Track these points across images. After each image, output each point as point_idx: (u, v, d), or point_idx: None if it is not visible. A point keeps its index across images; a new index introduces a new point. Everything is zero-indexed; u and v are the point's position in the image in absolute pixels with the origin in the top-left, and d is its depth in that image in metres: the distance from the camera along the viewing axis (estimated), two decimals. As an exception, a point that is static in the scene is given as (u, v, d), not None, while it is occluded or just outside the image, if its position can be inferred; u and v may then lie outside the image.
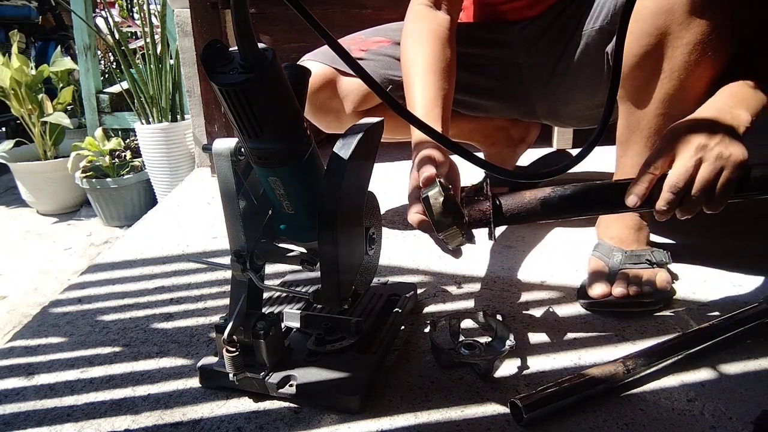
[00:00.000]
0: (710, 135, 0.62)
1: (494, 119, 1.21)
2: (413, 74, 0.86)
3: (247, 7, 0.44)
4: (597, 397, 0.61)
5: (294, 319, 0.71)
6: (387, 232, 1.10)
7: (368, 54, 1.04)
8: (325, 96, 1.03)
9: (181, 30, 1.68)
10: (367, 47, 1.06)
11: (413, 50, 0.88)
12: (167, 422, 0.61)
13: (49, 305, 0.89)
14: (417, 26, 0.91)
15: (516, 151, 1.29)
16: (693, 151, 0.62)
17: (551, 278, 0.90)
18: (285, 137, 0.52)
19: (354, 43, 1.07)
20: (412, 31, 0.91)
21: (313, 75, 1.02)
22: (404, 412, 0.60)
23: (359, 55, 1.04)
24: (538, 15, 1.01)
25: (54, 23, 3.49)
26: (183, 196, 1.49)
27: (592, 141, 0.57)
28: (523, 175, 0.61)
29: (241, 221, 0.58)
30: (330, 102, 1.04)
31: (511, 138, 1.26)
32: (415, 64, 0.86)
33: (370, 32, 1.10)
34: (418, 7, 0.92)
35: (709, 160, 0.61)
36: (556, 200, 0.64)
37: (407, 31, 0.92)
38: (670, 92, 0.75)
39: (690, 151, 0.62)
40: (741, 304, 0.77)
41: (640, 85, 0.76)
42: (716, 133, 0.62)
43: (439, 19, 0.91)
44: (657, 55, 0.73)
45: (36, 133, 2.25)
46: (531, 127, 1.27)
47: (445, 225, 0.62)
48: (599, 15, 0.90)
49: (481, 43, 1.07)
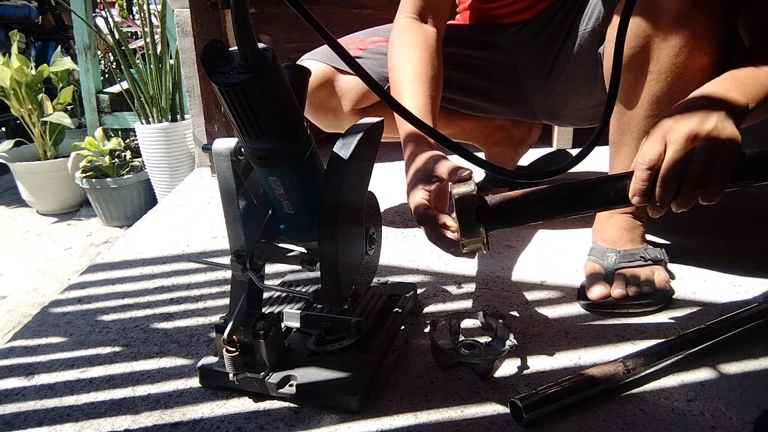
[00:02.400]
0: (701, 122, 0.59)
1: (495, 119, 1.22)
2: (402, 82, 0.86)
3: (247, 7, 0.44)
4: (597, 397, 0.61)
5: (294, 319, 0.71)
6: (387, 232, 1.10)
7: (366, 53, 1.05)
8: (324, 95, 1.04)
9: (181, 30, 1.68)
10: (365, 46, 1.06)
11: (401, 60, 0.89)
12: (167, 422, 0.61)
13: (49, 305, 0.89)
14: (404, 38, 0.91)
15: (517, 152, 1.29)
16: (683, 142, 0.59)
17: (551, 278, 0.90)
18: (285, 137, 0.52)
19: (352, 42, 1.08)
20: (399, 43, 0.91)
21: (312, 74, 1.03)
22: (404, 412, 0.60)
23: (357, 54, 1.05)
24: (532, 18, 1.02)
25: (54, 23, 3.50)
26: (183, 196, 1.49)
27: (592, 141, 0.57)
28: (523, 175, 0.61)
29: (241, 221, 0.58)
30: (328, 100, 1.04)
31: (512, 138, 1.26)
32: (404, 72, 0.87)
33: (369, 32, 1.11)
34: (404, 20, 0.93)
35: (700, 149, 0.58)
36: (548, 199, 0.62)
37: (394, 44, 0.92)
38: (658, 94, 0.74)
39: (680, 142, 0.59)
40: (741, 304, 0.77)
41: (629, 87, 0.76)
42: (707, 120, 0.59)
43: (425, 31, 0.92)
44: (644, 57, 0.73)
45: (36, 133, 2.25)
46: (532, 128, 1.27)
47: (473, 231, 0.60)
48: (591, 17, 0.91)
49: (477, 45, 1.08)
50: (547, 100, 1.07)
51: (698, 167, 0.59)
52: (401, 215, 1.19)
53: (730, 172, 0.59)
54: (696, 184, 0.59)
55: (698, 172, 0.59)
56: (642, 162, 0.60)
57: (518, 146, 1.28)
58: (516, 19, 1.04)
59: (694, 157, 0.59)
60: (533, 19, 1.02)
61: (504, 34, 1.06)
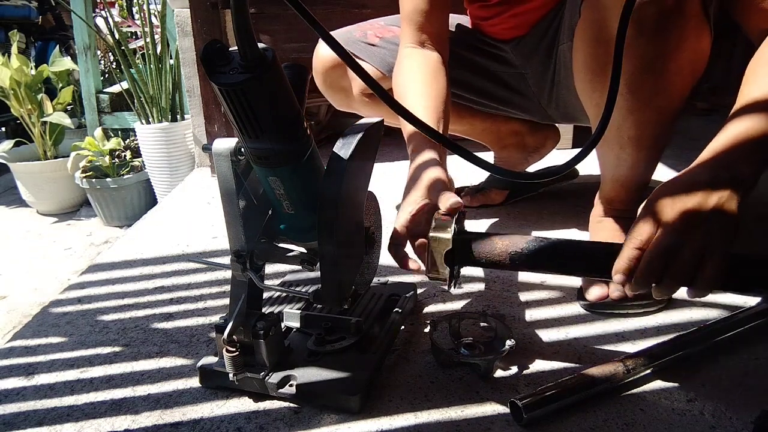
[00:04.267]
0: (700, 204, 0.53)
1: (510, 123, 1.22)
2: (411, 96, 0.87)
3: (247, 7, 0.44)
4: (597, 397, 0.61)
5: (294, 319, 0.71)
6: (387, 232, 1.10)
7: (382, 42, 1.07)
8: (336, 75, 1.08)
9: (181, 30, 1.68)
10: (383, 35, 1.08)
11: (407, 80, 0.90)
12: (167, 422, 0.61)
13: (49, 305, 0.89)
14: (408, 62, 0.92)
15: (527, 159, 1.28)
16: (676, 226, 0.52)
17: (551, 278, 0.90)
18: (285, 137, 0.52)
19: (372, 28, 1.10)
20: (403, 68, 0.92)
21: (327, 55, 1.08)
22: (404, 412, 0.60)
23: (374, 42, 1.08)
24: (526, 33, 1.03)
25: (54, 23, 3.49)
26: (183, 196, 1.49)
27: (592, 141, 0.57)
28: (523, 175, 0.60)
29: (241, 221, 0.58)
30: (340, 81, 1.09)
31: (525, 145, 1.26)
32: (411, 89, 0.88)
33: (389, 20, 1.12)
34: (407, 49, 0.94)
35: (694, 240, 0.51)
36: (526, 254, 0.60)
37: (398, 70, 0.93)
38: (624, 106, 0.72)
39: (672, 227, 0.52)
40: (741, 304, 0.77)
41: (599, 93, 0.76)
42: (706, 206, 0.52)
43: (429, 55, 0.93)
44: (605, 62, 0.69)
45: (36, 133, 2.25)
46: (548, 138, 1.27)
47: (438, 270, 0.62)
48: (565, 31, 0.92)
49: (488, 55, 1.09)
50: (558, 106, 1.07)
51: (688, 258, 0.51)
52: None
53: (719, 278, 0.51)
54: (681, 277, 0.52)
55: (687, 263, 0.51)
56: (632, 240, 0.54)
57: (530, 154, 1.27)
58: (512, 35, 1.05)
59: (687, 245, 0.51)
60: (528, 34, 1.03)
61: (505, 49, 1.07)
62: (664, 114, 0.74)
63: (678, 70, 0.70)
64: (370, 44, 1.08)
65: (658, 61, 0.68)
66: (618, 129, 0.75)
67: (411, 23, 0.93)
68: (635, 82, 0.70)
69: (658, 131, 0.75)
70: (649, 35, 0.66)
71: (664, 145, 0.78)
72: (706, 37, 0.68)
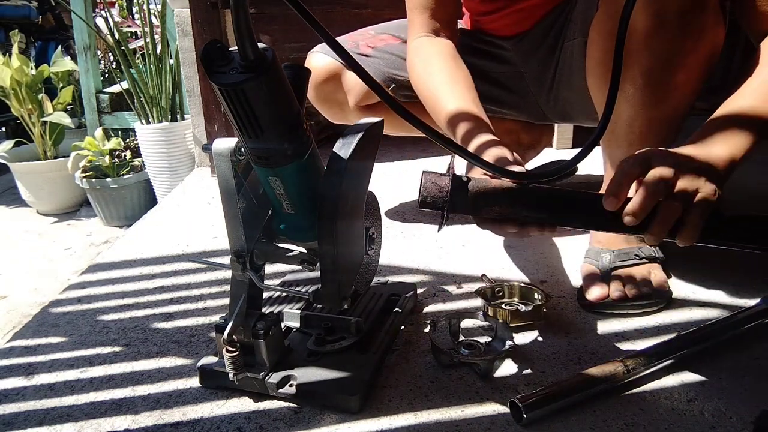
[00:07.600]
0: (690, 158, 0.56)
1: (505, 122, 1.22)
2: (436, 88, 0.84)
3: (247, 7, 0.44)
4: (597, 397, 0.61)
5: (294, 319, 0.71)
6: (387, 232, 1.10)
7: (375, 51, 1.06)
8: (330, 88, 1.05)
9: (181, 30, 1.68)
10: (374, 44, 1.07)
11: (427, 72, 0.87)
12: (167, 422, 0.61)
13: (49, 305, 0.89)
14: (422, 52, 0.91)
15: (524, 156, 1.28)
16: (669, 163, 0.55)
17: (551, 278, 0.90)
18: (285, 137, 0.52)
19: (363, 38, 1.09)
20: (423, 57, 0.90)
21: (320, 67, 1.03)
22: (404, 412, 0.60)
23: (367, 52, 1.06)
24: (529, 29, 1.02)
25: (54, 23, 3.49)
26: (183, 196, 1.49)
27: (592, 141, 0.57)
28: (522, 175, 0.60)
29: (241, 221, 0.58)
30: (334, 94, 1.06)
31: (520, 143, 1.26)
32: (435, 80, 0.85)
33: (380, 28, 1.11)
34: (418, 40, 0.93)
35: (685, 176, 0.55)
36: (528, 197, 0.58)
37: (413, 62, 0.92)
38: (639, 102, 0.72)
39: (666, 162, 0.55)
40: (741, 304, 0.77)
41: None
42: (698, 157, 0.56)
43: (442, 43, 0.91)
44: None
45: (36, 133, 2.25)
46: (542, 135, 1.27)
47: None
48: (576, 26, 0.91)
49: (485, 55, 1.09)
50: (556, 105, 1.07)
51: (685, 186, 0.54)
52: (401, 215, 1.19)
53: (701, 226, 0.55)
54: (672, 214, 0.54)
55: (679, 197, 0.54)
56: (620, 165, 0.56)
57: (526, 152, 1.27)
58: (514, 32, 1.04)
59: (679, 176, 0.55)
60: (531, 31, 1.02)
61: (506, 46, 1.06)
62: (678, 110, 0.73)
63: (696, 64, 0.69)
64: (363, 55, 1.06)
65: (679, 54, 0.68)
66: (629, 125, 0.74)
67: (423, 11, 0.91)
68: (654, 76, 0.69)
69: (671, 127, 0.75)
70: (670, 28, 0.65)
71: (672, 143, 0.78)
72: (722, 30, 0.68)
